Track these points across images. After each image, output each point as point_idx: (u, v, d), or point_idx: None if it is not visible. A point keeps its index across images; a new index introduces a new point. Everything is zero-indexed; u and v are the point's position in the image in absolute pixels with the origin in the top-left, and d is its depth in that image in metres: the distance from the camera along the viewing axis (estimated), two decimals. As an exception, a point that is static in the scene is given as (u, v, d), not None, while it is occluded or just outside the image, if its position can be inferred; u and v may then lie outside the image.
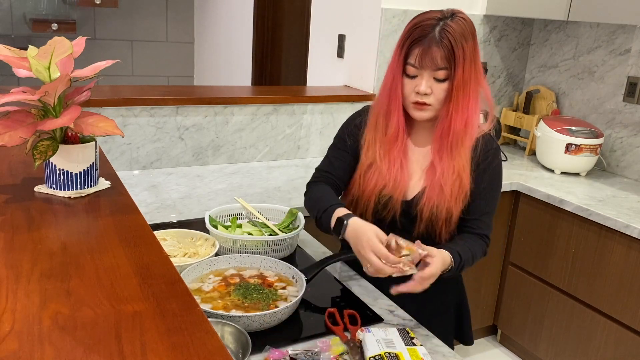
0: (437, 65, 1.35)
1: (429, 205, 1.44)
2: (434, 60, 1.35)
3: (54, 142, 1.13)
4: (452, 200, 1.44)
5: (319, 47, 3.19)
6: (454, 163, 1.43)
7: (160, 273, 0.86)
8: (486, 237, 1.49)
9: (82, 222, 1.06)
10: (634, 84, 2.69)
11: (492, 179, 1.50)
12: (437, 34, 1.34)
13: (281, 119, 2.62)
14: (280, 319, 1.28)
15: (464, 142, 1.43)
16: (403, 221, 1.50)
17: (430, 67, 1.36)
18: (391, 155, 1.47)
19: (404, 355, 1.17)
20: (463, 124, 1.40)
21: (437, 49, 1.34)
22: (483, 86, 1.43)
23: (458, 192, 1.44)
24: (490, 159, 1.48)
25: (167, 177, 2.34)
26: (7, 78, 3.65)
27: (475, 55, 1.39)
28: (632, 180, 2.73)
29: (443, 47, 1.33)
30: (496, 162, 1.51)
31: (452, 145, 1.42)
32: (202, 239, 1.60)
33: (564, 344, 2.46)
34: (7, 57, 1.11)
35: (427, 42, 1.34)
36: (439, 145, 1.44)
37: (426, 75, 1.37)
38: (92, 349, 0.66)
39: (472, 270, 2.61)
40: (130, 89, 2.56)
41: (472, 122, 1.42)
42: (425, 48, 1.35)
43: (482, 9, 2.97)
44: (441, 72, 1.36)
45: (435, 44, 1.34)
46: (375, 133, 1.49)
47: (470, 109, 1.40)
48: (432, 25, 1.35)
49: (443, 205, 1.44)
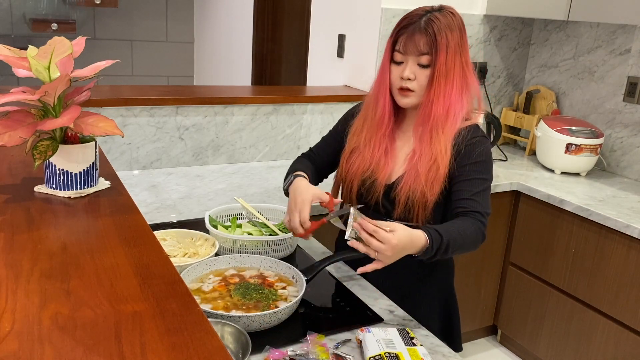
0: (420, 51, 1.42)
1: (405, 189, 1.47)
2: (417, 45, 1.42)
3: (54, 142, 1.13)
4: (427, 185, 1.45)
5: (319, 47, 3.19)
6: (432, 148, 1.45)
7: (160, 273, 0.86)
8: (478, 213, 1.44)
9: (82, 222, 1.06)
10: (634, 84, 2.69)
11: (477, 162, 1.47)
12: (423, 22, 1.42)
13: (281, 119, 2.62)
14: (280, 319, 1.28)
15: (444, 129, 1.45)
16: (385, 204, 1.52)
17: (414, 53, 1.43)
18: (376, 139, 1.53)
19: (404, 355, 1.17)
20: (444, 110, 1.44)
21: (421, 36, 1.42)
22: (472, 80, 1.47)
23: (434, 177, 1.45)
24: (473, 144, 1.47)
25: (167, 177, 2.34)
26: (7, 78, 3.65)
27: (463, 49, 1.45)
28: (632, 180, 2.73)
29: (426, 34, 1.41)
30: (481, 147, 1.48)
31: (431, 130, 1.46)
32: (202, 239, 1.60)
33: (564, 344, 2.46)
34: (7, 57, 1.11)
35: (412, 29, 1.43)
36: (420, 131, 1.48)
37: (411, 61, 1.44)
38: (92, 349, 0.66)
39: (472, 270, 2.63)
40: (130, 89, 2.56)
41: (454, 110, 1.45)
42: (410, 34, 1.43)
43: (482, 9, 2.96)
44: (424, 58, 1.43)
45: (419, 31, 1.42)
46: (364, 120, 1.56)
47: (452, 98, 1.44)
48: (419, 15, 1.44)
49: (418, 189, 1.45)
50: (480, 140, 1.49)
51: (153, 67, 4.84)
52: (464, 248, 1.41)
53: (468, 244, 1.41)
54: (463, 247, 1.40)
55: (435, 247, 1.34)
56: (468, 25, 2.93)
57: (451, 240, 1.36)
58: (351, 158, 1.56)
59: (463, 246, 1.40)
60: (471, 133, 1.48)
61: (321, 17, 3.16)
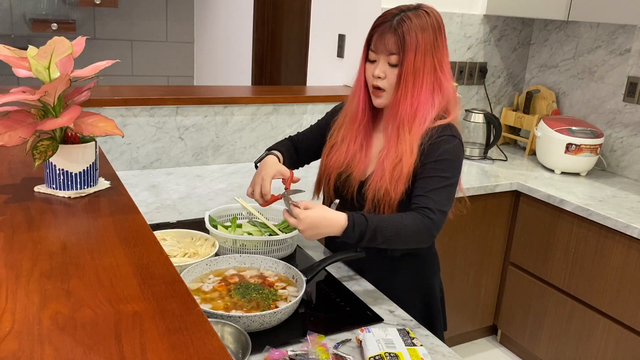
0: (389, 50, 1.43)
1: (372, 186, 1.49)
2: (386, 44, 1.43)
3: (54, 142, 1.13)
4: (392, 184, 1.46)
5: (319, 47, 3.19)
6: (398, 147, 1.46)
7: (160, 273, 0.86)
8: (427, 209, 1.41)
9: (82, 222, 1.06)
10: (634, 84, 2.69)
11: (438, 160, 1.45)
12: (395, 22, 1.43)
13: (281, 119, 2.62)
14: (280, 319, 1.28)
15: (411, 129, 1.46)
16: (359, 199, 1.54)
17: (384, 52, 1.44)
18: (351, 135, 1.56)
19: (404, 355, 1.17)
20: (411, 110, 1.45)
21: (390, 35, 1.43)
22: (446, 80, 1.48)
23: (399, 176, 1.45)
24: (437, 143, 1.46)
25: (167, 177, 2.34)
26: (7, 78, 3.65)
27: (436, 49, 1.45)
28: (632, 180, 2.73)
29: (396, 34, 1.42)
30: (445, 146, 1.46)
31: (398, 129, 1.47)
32: (202, 239, 1.60)
33: (564, 344, 2.46)
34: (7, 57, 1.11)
35: (383, 28, 1.44)
36: (389, 130, 1.50)
37: (382, 60, 1.46)
38: (92, 349, 0.66)
39: (472, 270, 2.63)
40: (130, 89, 2.56)
41: (422, 110, 1.45)
42: (380, 33, 1.45)
43: (482, 9, 2.96)
44: (393, 57, 1.44)
45: (390, 31, 1.43)
46: (344, 116, 1.60)
47: (421, 98, 1.45)
48: (393, 15, 1.45)
49: (383, 187, 1.47)
50: (446, 139, 1.47)
51: (153, 67, 4.84)
52: (401, 240, 1.39)
53: (406, 236, 1.39)
54: (399, 238, 1.38)
55: (358, 230, 1.34)
56: (468, 25, 2.93)
57: (380, 227, 1.36)
58: (330, 153, 1.60)
59: (399, 237, 1.38)
60: (439, 132, 1.47)
61: (321, 17, 3.16)
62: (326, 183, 1.62)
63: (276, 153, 1.64)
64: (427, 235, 1.42)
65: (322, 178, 1.64)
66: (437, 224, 1.43)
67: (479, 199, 2.51)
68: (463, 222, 2.53)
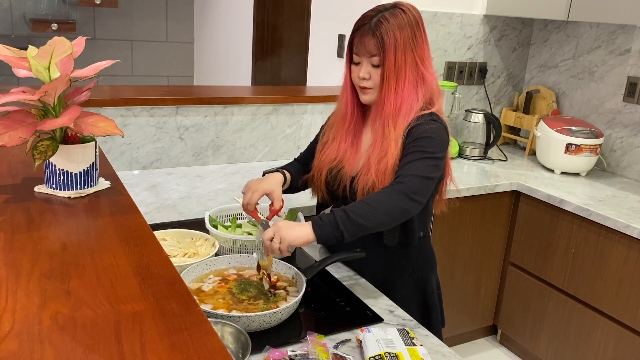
0: (370, 53, 1.48)
1: (362, 180, 1.52)
2: (367, 47, 1.48)
3: (54, 142, 1.13)
4: (378, 177, 1.49)
5: (319, 47, 3.19)
6: (384, 142, 1.50)
7: (160, 273, 0.86)
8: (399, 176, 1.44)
9: (82, 222, 1.06)
10: (634, 84, 2.69)
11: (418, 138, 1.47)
12: (373, 24, 1.47)
13: (281, 119, 2.62)
14: (280, 319, 1.28)
15: (396, 124, 1.49)
16: (351, 194, 1.56)
17: (365, 55, 1.49)
18: (342, 134, 1.61)
19: (404, 355, 1.17)
20: (395, 107, 1.49)
21: (370, 38, 1.47)
22: (429, 73, 1.52)
23: (384, 170, 1.49)
24: (418, 125, 1.48)
25: (167, 177, 2.34)
26: (7, 78, 3.65)
27: (416, 44, 1.49)
28: (632, 180, 2.73)
29: (374, 36, 1.46)
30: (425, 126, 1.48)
31: (384, 125, 1.51)
32: (202, 239, 1.60)
33: (564, 344, 2.46)
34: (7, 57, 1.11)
35: (362, 31, 1.49)
36: (376, 126, 1.54)
37: (365, 62, 1.51)
38: (92, 349, 0.66)
39: (472, 270, 2.63)
40: (130, 89, 2.56)
41: (407, 105, 1.50)
42: (360, 37, 1.49)
43: (482, 9, 2.96)
44: (375, 59, 1.48)
45: (368, 34, 1.47)
46: (335, 117, 1.65)
47: (405, 94, 1.49)
48: (370, 17, 1.49)
49: (370, 180, 1.50)
50: (425, 122, 1.49)
51: (153, 67, 4.83)
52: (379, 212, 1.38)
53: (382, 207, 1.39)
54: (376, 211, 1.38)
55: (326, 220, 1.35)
56: (468, 25, 2.93)
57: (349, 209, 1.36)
58: (321, 152, 1.65)
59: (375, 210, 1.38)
60: (423, 118, 1.50)
61: (321, 17, 3.16)
62: (318, 178, 1.65)
63: (285, 173, 1.66)
64: (403, 198, 1.41)
65: (314, 174, 1.66)
66: (409, 185, 1.42)
67: (479, 199, 2.51)
68: (463, 222, 2.53)
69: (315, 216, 1.40)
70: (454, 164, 2.81)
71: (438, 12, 2.82)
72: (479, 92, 3.14)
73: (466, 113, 2.96)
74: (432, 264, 1.72)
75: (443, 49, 2.92)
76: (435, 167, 1.48)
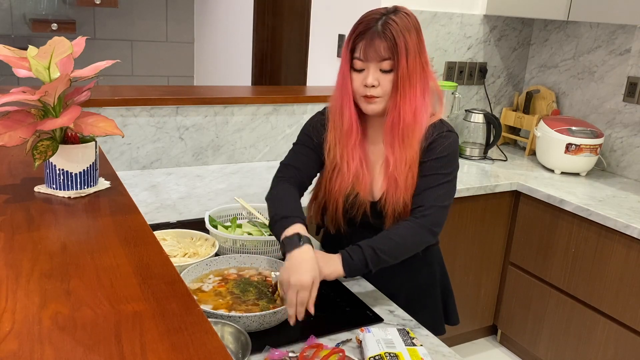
0: (381, 57, 1.38)
1: (390, 202, 1.46)
2: (377, 51, 1.37)
3: (54, 142, 1.13)
4: (408, 194, 1.45)
5: (319, 47, 3.19)
6: (406, 154, 1.44)
7: (160, 273, 0.86)
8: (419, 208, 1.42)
9: (82, 222, 1.06)
10: (634, 84, 2.69)
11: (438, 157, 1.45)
12: (380, 27, 1.38)
13: (281, 119, 2.62)
14: (280, 319, 1.28)
15: (414, 133, 1.43)
16: (374, 219, 1.52)
17: (375, 59, 1.38)
18: (348, 152, 1.48)
19: (404, 355, 1.17)
20: (412, 114, 1.41)
21: (380, 41, 1.37)
22: (431, 78, 1.46)
23: (412, 184, 1.45)
24: (436, 140, 1.45)
25: (167, 177, 2.34)
26: (7, 78, 3.65)
27: (421, 49, 1.42)
28: (632, 180, 2.73)
29: (386, 39, 1.37)
30: (445, 142, 1.46)
31: (403, 136, 1.43)
32: (202, 239, 1.60)
33: (564, 344, 2.46)
34: (7, 57, 1.11)
35: (370, 34, 1.38)
36: (391, 138, 1.45)
37: (372, 68, 1.39)
38: (92, 349, 0.66)
39: (472, 270, 2.63)
40: (130, 89, 2.56)
41: (420, 112, 1.43)
42: (368, 40, 1.38)
43: (482, 9, 2.96)
44: (386, 63, 1.38)
45: (378, 36, 1.37)
46: (335, 132, 1.50)
47: (418, 100, 1.41)
48: (375, 20, 1.39)
49: (400, 200, 1.45)
50: (444, 135, 1.46)
51: (153, 67, 4.83)
52: (405, 247, 1.41)
53: (406, 243, 1.41)
54: (400, 247, 1.40)
55: (356, 258, 1.34)
56: (468, 25, 2.93)
57: (375, 245, 1.36)
58: (332, 177, 1.52)
59: (400, 246, 1.39)
60: (436, 130, 1.46)
61: (321, 17, 3.16)
62: (334, 208, 1.54)
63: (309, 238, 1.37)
64: (426, 234, 1.42)
65: (328, 204, 1.56)
66: (432, 219, 1.42)
67: (479, 199, 2.51)
68: (463, 222, 2.53)
69: (344, 251, 1.36)
70: (454, 164, 2.81)
71: (438, 12, 2.82)
72: (479, 92, 3.14)
73: (466, 113, 2.96)
74: (442, 257, 1.73)
75: (443, 49, 2.92)
76: (452, 190, 1.47)
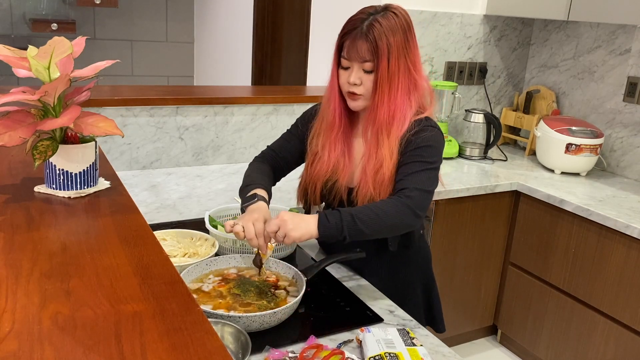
0: (363, 58, 1.41)
1: (361, 192, 1.49)
2: (359, 52, 1.41)
3: (54, 142, 1.13)
4: (376, 189, 1.46)
5: (319, 47, 3.19)
6: (378, 153, 1.46)
7: (160, 273, 0.86)
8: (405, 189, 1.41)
9: (82, 222, 1.06)
10: (634, 84, 2.69)
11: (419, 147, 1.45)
12: (365, 27, 1.41)
13: (281, 119, 2.62)
14: (280, 319, 1.28)
15: (390, 133, 1.45)
16: (349, 206, 1.54)
17: (357, 60, 1.42)
18: (330, 142, 1.53)
19: (404, 355, 1.17)
20: (389, 115, 1.44)
21: (362, 42, 1.40)
22: (422, 78, 1.48)
23: (382, 181, 1.46)
24: (417, 132, 1.46)
25: (167, 177, 2.34)
26: (7, 78, 3.65)
27: (408, 49, 1.44)
28: (632, 180, 2.73)
29: (368, 41, 1.40)
30: (425, 134, 1.46)
31: (377, 134, 1.46)
32: (202, 239, 1.60)
33: (564, 344, 2.46)
34: (7, 57, 1.11)
35: (354, 35, 1.42)
36: (369, 134, 1.50)
37: (356, 67, 1.44)
38: (92, 349, 0.66)
39: (472, 270, 2.63)
40: (130, 89, 2.56)
41: (400, 113, 1.45)
42: (352, 41, 1.42)
43: (482, 9, 2.96)
44: (368, 64, 1.42)
45: (361, 37, 1.41)
46: (321, 123, 1.57)
47: (398, 101, 1.44)
48: (361, 20, 1.42)
49: (368, 193, 1.47)
50: (424, 129, 1.47)
51: (153, 67, 4.83)
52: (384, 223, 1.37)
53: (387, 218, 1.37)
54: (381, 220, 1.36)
55: (333, 220, 1.33)
56: (468, 25, 2.93)
57: (356, 213, 1.34)
58: (313, 164, 1.58)
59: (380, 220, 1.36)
60: (420, 125, 1.47)
61: (321, 17, 3.16)
62: (312, 191, 1.60)
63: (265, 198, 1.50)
64: (409, 214, 1.39)
65: (308, 187, 1.61)
66: (416, 201, 1.40)
67: (479, 199, 2.51)
68: (463, 222, 2.53)
69: (322, 212, 1.36)
70: (454, 164, 2.81)
71: (438, 12, 2.82)
72: (479, 92, 3.14)
73: (466, 113, 2.96)
74: (429, 259, 1.73)
75: (443, 49, 2.92)
76: (435, 178, 1.47)
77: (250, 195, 1.48)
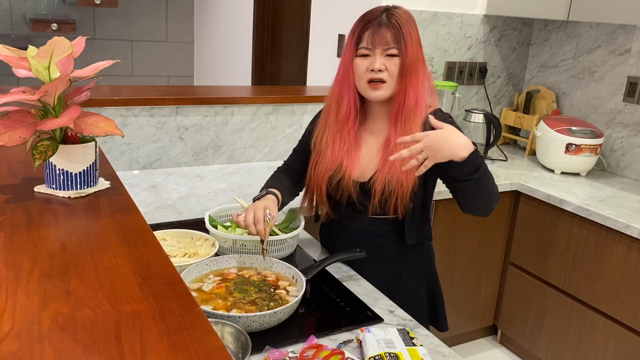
0: (388, 44, 1.46)
1: (380, 179, 1.50)
2: (384, 38, 1.45)
3: (54, 142, 1.13)
4: (403, 172, 1.47)
5: (319, 47, 3.19)
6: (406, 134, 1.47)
7: (160, 273, 0.86)
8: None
9: (82, 222, 1.06)
10: (634, 84, 2.69)
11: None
12: (385, 17, 1.47)
13: (281, 119, 2.62)
14: (280, 319, 1.28)
15: (415, 118, 1.49)
16: (361, 200, 1.55)
17: (382, 45, 1.46)
18: (341, 136, 1.55)
19: (404, 355, 1.17)
20: (414, 99, 1.48)
21: (387, 29, 1.46)
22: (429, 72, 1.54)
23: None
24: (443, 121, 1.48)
25: (167, 177, 2.34)
26: (7, 78, 3.65)
27: (420, 44, 1.50)
28: (632, 180, 2.73)
29: (393, 27, 1.45)
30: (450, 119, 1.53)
31: (405, 119, 1.49)
32: (202, 239, 1.60)
33: (564, 344, 2.46)
34: (7, 57, 1.11)
35: (377, 24, 1.47)
36: (395, 120, 1.51)
37: (379, 53, 1.47)
38: (92, 349, 0.66)
39: (472, 270, 2.63)
40: (130, 89, 2.56)
41: (422, 99, 1.50)
42: (375, 29, 1.46)
43: (482, 9, 2.96)
44: (393, 49, 1.46)
45: (385, 25, 1.46)
46: (327, 120, 1.59)
47: (420, 88, 1.49)
48: (380, 11, 1.49)
49: (394, 177, 1.48)
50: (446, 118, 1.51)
51: (153, 67, 4.83)
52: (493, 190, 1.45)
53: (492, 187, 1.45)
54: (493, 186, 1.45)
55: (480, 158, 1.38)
56: (468, 25, 2.93)
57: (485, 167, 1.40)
58: (317, 162, 1.58)
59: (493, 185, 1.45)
60: (437, 115, 1.51)
61: (321, 17, 3.16)
62: (318, 192, 1.60)
63: (276, 193, 1.59)
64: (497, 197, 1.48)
65: (314, 188, 1.61)
66: None
67: (479, 199, 2.51)
68: (463, 222, 2.53)
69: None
70: (454, 164, 2.81)
71: (438, 12, 2.82)
72: (479, 92, 3.14)
73: (466, 113, 2.96)
74: (433, 257, 1.75)
75: (443, 49, 2.92)
76: None
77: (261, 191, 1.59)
